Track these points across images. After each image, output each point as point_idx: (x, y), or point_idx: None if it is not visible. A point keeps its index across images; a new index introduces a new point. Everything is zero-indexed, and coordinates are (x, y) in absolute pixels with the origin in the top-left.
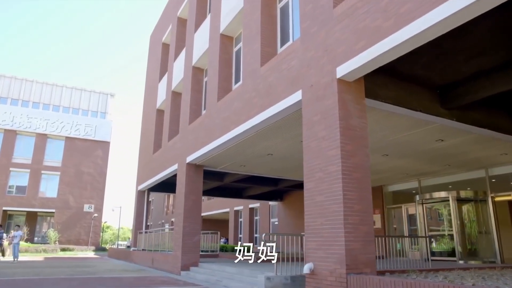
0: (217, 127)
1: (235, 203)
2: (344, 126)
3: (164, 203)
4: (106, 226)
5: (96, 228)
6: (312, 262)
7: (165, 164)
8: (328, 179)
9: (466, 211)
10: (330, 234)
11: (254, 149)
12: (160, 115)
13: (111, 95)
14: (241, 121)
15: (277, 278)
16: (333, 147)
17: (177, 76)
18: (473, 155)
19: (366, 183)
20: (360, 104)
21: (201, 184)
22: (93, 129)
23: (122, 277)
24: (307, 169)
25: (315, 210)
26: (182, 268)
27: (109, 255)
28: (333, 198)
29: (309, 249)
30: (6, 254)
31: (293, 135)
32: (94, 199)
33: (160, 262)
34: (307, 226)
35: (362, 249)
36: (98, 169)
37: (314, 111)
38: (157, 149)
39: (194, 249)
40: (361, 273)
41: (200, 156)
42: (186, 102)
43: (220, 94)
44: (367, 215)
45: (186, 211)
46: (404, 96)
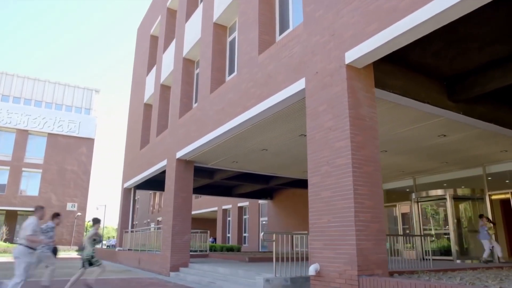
0: (210, 120)
1: (224, 202)
2: (353, 116)
3: (150, 202)
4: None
5: (79, 227)
6: (318, 262)
7: (153, 160)
8: (336, 173)
9: (463, 209)
10: (338, 233)
11: (249, 144)
12: (147, 110)
13: (96, 91)
14: (237, 113)
15: (276, 280)
16: (342, 138)
17: (167, 69)
18: (473, 152)
19: (377, 177)
20: (369, 93)
21: (191, 180)
22: (77, 126)
23: (107, 278)
24: (311, 162)
25: (321, 207)
26: (171, 269)
27: None
28: (341, 193)
29: (314, 249)
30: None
31: (291, 128)
32: (78, 198)
33: (148, 262)
34: (312, 224)
35: (373, 249)
36: (82, 167)
37: (319, 100)
38: (145, 145)
39: (184, 249)
40: (373, 275)
41: (191, 151)
42: (176, 95)
43: (213, 85)
44: (378, 212)
45: (175, 209)
46: (412, 86)
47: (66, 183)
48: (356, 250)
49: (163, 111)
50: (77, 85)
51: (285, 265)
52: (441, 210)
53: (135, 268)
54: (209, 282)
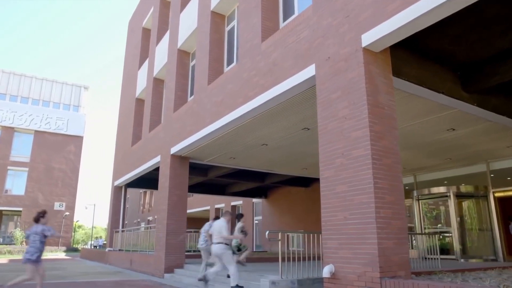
0: (208, 113)
1: (216, 201)
2: (372, 103)
3: (140, 201)
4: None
5: (67, 227)
6: (333, 263)
7: (145, 156)
8: (352, 165)
9: (466, 207)
10: (356, 231)
11: (248, 138)
12: (139, 105)
13: (84, 88)
14: (237, 104)
15: (282, 282)
16: (359, 127)
17: (160, 62)
18: (479, 147)
19: (397, 170)
20: (387, 79)
21: (186, 177)
22: (65, 123)
23: (98, 281)
24: (324, 155)
25: (336, 203)
26: (166, 271)
27: (82, 256)
28: (360, 187)
29: (328, 249)
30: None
31: (294, 121)
32: (66, 197)
33: (140, 263)
34: (325, 221)
35: (395, 248)
36: (70, 165)
37: (332, 87)
38: (136, 141)
39: (179, 249)
40: (396, 277)
41: (186, 146)
42: (170, 89)
43: (211, 76)
44: (399, 208)
45: (170, 207)
46: (426, 75)
47: (53, 182)
48: (377, 250)
49: (156, 106)
50: (65, 82)
51: (291, 266)
52: (443, 208)
53: (126, 270)
54: (208, 285)
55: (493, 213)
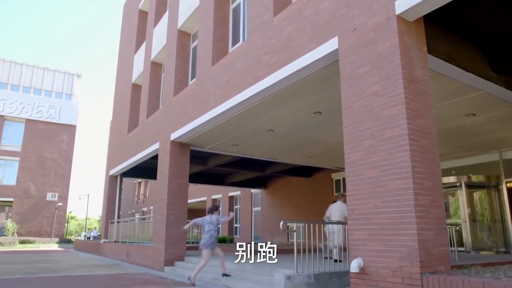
0: (212, 96)
1: (213, 191)
2: (407, 78)
3: (135, 192)
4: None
5: (60, 218)
6: (361, 257)
7: (142, 144)
8: (384, 147)
9: (478, 198)
10: (391, 220)
11: (255, 123)
12: (136, 90)
13: (77, 76)
14: (246, 85)
15: (298, 277)
16: (393, 104)
17: (158, 44)
18: (493, 135)
19: (434, 153)
20: (421, 52)
21: (187, 165)
22: (57, 112)
23: (93, 274)
24: (349, 137)
25: (364, 189)
26: (166, 263)
27: (75, 247)
28: (394, 171)
29: (356, 241)
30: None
31: (307, 104)
32: (58, 187)
33: (138, 256)
34: (352, 210)
35: (435, 240)
36: (63, 155)
37: (359, 62)
38: (133, 128)
39: (179, 241)
40: (437, 272)
41: (187, 132)
42: (170, 72)
43: (215, 57)
44: (437, 195)
45: (170, 196)
46: (456, 53)
47: (46, 172)
48: (417, 242)
49: (154, 91)
50: (58, 69)
51: (306, 260)
52: (453, 198)
53: (123, 262)
54: (213, 279)
55: (505, 204)
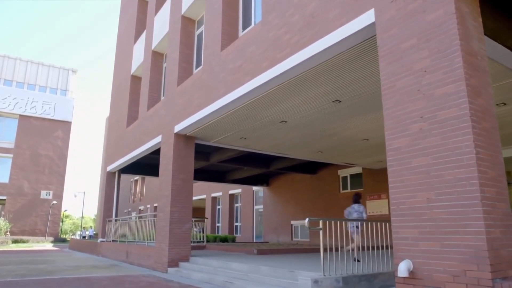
0: (222, 83)
1: (213, 189)
2: (466, 50)
3: (131, 190)
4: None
5: (55, 217)
6: (410, 259)
7: (143, 138)
8: (438, 130)
9: None
10: (449, 216)
11: (268, 113)
12: (135, 82)
13: (72, 71)
14: (262, 69)
15: (326, 281)
16: (449, 81)
17: (160, 33)
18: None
19: (495, 138)
20: (477, 22)
21: (192, 159)
22: (52, 107)
23: (92, 277)
24: (391, 120)
25: (413, 180)
26: (169, 264)
27: (71, 247)
28: (451, 159)
29: (402, 239)
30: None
31: (327, 91)
32: (53, 185)
33: (138, 256)
34: (396, 204)
35: (503, 239)
36: (57, 152)
37: (403, 35)
38: (132, 121)
39: (184, 240)
40: (508, 278)
41: (193, 123)
42: (173, 60)
43: (225, 41)
44: (503, 186)
45: (174, 193)
46: (500, 30)
47: (40, 169)
48: (486, 241)
49: (155, 82)
50: (52, 64)
51: (333, 261)
52: None
53: (122, 262)
54: (224, 282)
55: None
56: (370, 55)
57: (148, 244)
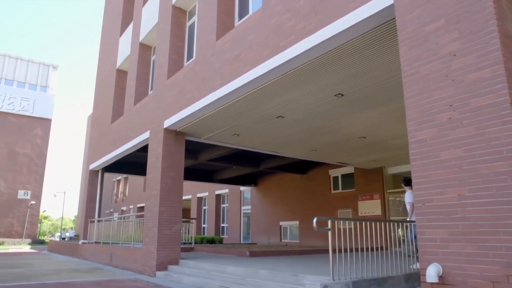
0: (217, 74)
1: (199, 189)
2: (502, 31)
3: (113, 190)
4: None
5: (33, 217)
6: (439, 262)
7: (129, 134)
8: (471, 120)
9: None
10: (487, 214)
11: (265, 107)
12: (121, 76)
13: (53, 67)
14: (263, 58)
15: (336, 286)
16: (483, 65)
17: (148, 24)
18: None
19: None
20: (510, 2)
21: (182, 156)
22: (31, 104)
23: (74, 282)
24: (414, 110)
25: (441, 175)
26: (158, 267)
27: (50, 249)
28: (488, 151)
29: (428, 241)
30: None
31: (330, 83)
32: (31, 185)
33: (123, 258)
34: (421, 202)
35: None
36: (36, 150)
37: (428, 16)
38: (117, 117)
39: (173, 242)
40: None
41: (185, 118)
42: (163, 52)
43: (220, 31)
44: None
45: (163, 191)
46: None
47: (17, 168)
48: None
49: (142, 75)
50: (32, 60)
51: (343, 264)
52: None
53: (106, 266)
54: (220, 287)
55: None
56: (381, 43)
57: (134, 246)
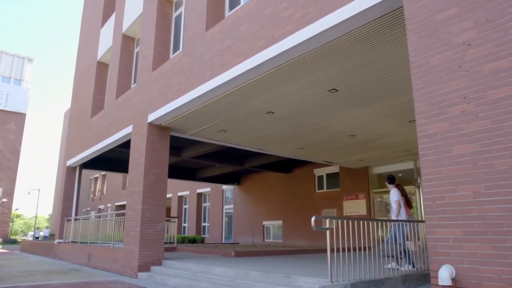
0: (207, 66)
1: (180, 188)
2: None
3: (90, 188)
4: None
5: (4, 216)
6: (451, 264)
7: (110, 128)
8: (487, 113)
9: None
10: (504, 212)
11: (256, 102)
12: (102, 69)
13: (28, 60)
14: (256, 49)
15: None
16: (501, 55)
17: (131, 14)
18: None
19: None
20: None
21: (167, 152)
22: (4, 97)
23: (50, 284)
24: (424, 102)
25: (453, 171)
26: (140, 269)
27: (22, 249)
28: (506, 146)
29: (440, 241)
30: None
31: (324, 77)
32: (3, 181)
33: (102, 259)
34: (431, 200)
35: None
36: (9, 145)
37: (439, 4)
38: (97, 111)
39: (157, 241)
40: None
41: (171, 111)
42: (147, 44)
43: (210, 21)
44: None
45: (146, 188)
46: None
47: None
48: None
49: (125, 67)
50: (5, 51)
51: (340, 265)
52: None
53: (83, 267)
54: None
55: None
56: (381, 35)
57: (114, 246)
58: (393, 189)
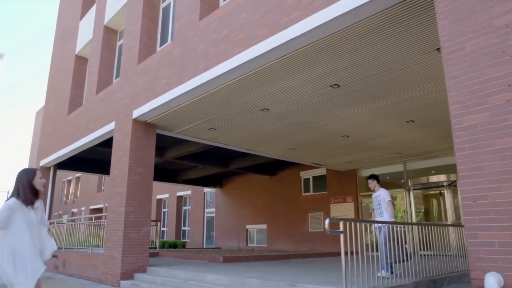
0: (201, 57)
1: (158, 190)
2: None
3: (63, 191)
4: None
5: None
6: (498, 271)
7: (89, 125)
8: None
9: None
10: None
11: (251, 97)
12: (81, 64)
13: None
14: (258, 37)
15: None
16: None
17: (114, 5)
18: None
19: None
20: None
21: (153, 151)
22: None
23: None
24: (460, 91)
25: (498, 166)
26: (123, 276)
27: None
28: None
29: (483, 245)
30: None
31: (327, 71)
32: None
33: (79, 266)
34: (471, 199)
35: None
36: None
37: None
38: (75, 108)
39: (141, 246)
40: None
41: (158, 107)
42: (133, 35)
43: (204, 10)
44: None
45: (130, 189)
46: None
47: None
48: None
49: (106, 61)
50: None
51: (355, 270)
52: (439, 199)
53: (57, 274)
54: None
55: None
56: (397, 24)
57: (93, 252)
58: (383, 189)
